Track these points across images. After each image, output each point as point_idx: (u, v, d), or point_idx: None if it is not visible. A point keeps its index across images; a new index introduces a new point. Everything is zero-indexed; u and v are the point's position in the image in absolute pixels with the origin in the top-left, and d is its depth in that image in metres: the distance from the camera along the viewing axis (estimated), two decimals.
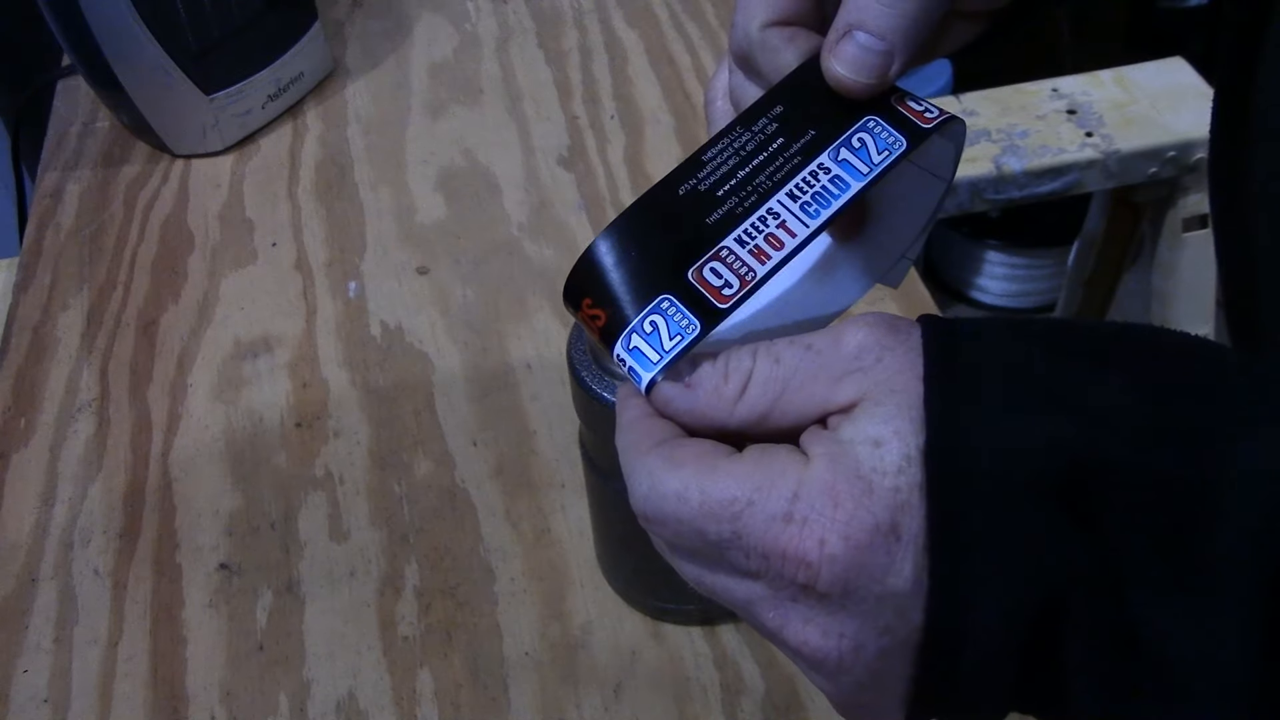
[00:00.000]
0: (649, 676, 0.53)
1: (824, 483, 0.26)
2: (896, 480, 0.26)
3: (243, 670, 0.55)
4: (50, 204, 0.82)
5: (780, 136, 0.33)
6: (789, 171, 0.33)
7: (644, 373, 0.31)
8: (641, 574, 0.54)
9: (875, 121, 0.33)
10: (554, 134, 0.84)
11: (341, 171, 0.83)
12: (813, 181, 0.32)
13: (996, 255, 1.80)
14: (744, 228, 0.32)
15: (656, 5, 0.96)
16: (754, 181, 0.33)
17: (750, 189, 0.33)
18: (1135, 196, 0.97)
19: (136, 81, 0.80)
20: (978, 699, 0.27)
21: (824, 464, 0.27)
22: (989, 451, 0.25)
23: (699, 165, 0.33)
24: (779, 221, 0.32)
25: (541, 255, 0.75)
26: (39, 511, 0.63)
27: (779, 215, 0.32)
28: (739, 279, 0.31)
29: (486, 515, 0.60)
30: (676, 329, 0.31)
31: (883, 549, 0.26)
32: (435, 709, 0.53)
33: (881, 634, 0.27)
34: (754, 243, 0.32)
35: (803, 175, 0.32)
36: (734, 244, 0.32)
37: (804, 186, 0.32)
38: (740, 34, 0.35)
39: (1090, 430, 0.25)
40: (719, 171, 0.33)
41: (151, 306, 0.74)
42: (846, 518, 0.26)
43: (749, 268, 0.31)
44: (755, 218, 0.32)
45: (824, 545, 0.26)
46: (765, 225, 0.32)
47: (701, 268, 0.31)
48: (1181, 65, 0.97)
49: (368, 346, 0.70)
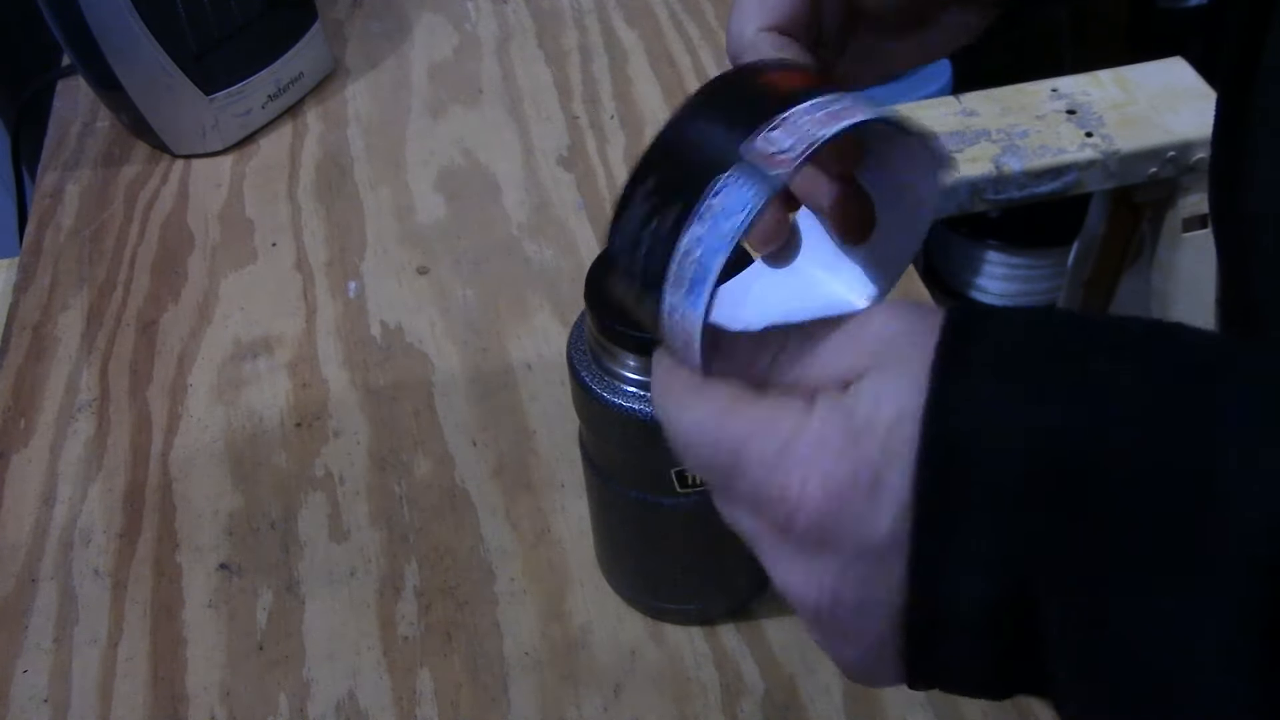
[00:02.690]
0: (649, 676, 0.53)
1: (815, 430, 0.27)
2: (887, 435, 0.26)
3: (243, 670, 0.55)
4: (50, 204, 0.82)
5: (655, 215, 0.31)
6: (663, 257, 0.30)
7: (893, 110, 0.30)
8: (641, 574, 0.54)
9: (731, 178, 0.30)
10: (554, 134, 0.84)
11: (341, 171, 0.83)
12: (712, 205, 0.30)
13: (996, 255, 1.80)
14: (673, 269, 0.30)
15: (656, 5, 0.96)
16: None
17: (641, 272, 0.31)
18: (1135, 196, 0.97)
19: (136, 81, 0.80)
20: (965, 674, 0.27)
21: (822, 413, 0.27)
22: (989, 424, 0.25)
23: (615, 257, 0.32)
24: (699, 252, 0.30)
25: (541, 255, 0.75)
26: (39, 511, 0.63)
27: (693, 250, 0.30)
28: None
29: (486, 515, 0.60)
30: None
31: (862, 499, 0.26)
32: (435, 709, 0.53)
33: (859, 585, 0.27)
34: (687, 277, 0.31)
35: (676, 259, 0.30)
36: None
37: (704, 214, 0.30)
38: (734, 37, 0.35)
39: (1095, 420, 0.25)
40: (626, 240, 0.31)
41: (151, 306, 0.74)
42: (829, 465, 0.26)
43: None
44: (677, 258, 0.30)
45: (805, 483, 0.27)
46: (692, 255, 0.30)
47: None
48: (1181, 65, 0.97)
49: (368, 346, 0.70)
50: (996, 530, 0.25)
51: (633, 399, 0.44)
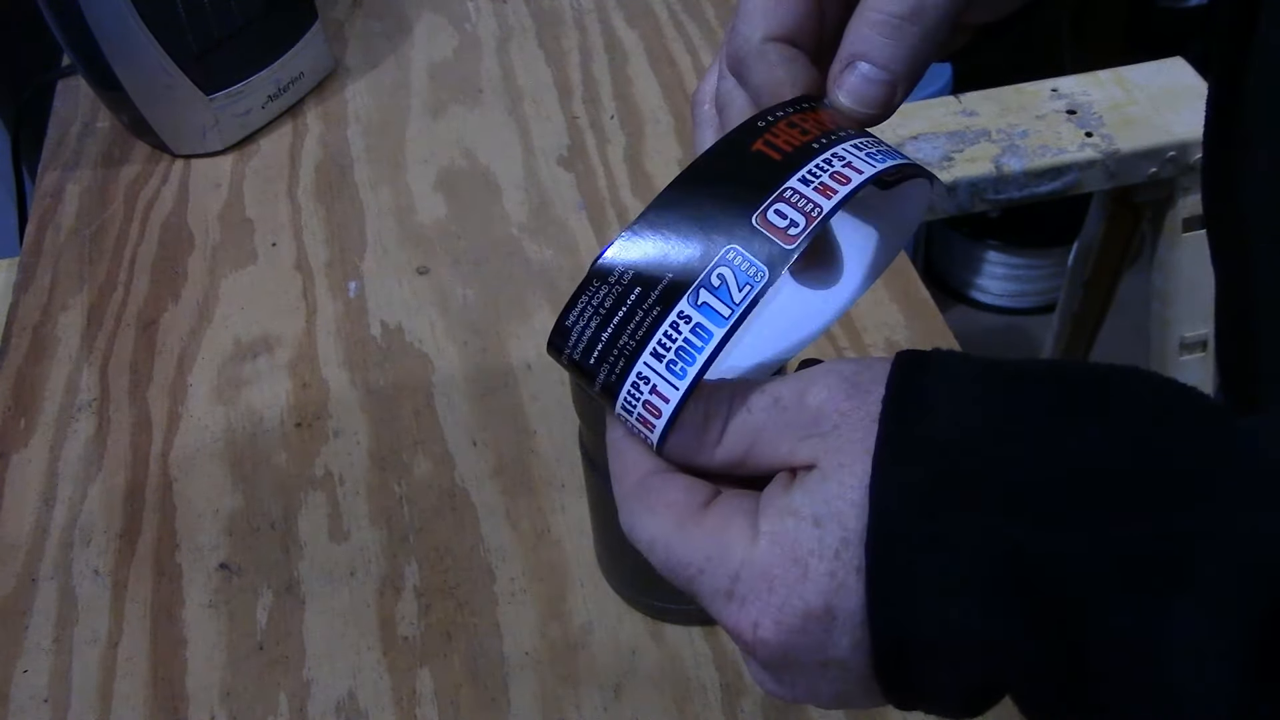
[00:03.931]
0: (649, 676, 0.53)
1: (762, 566, 0.27)
2: (833, 564, 0.27)
3: (243, 670, 0.55)
4: (50, 204, 0.82)
5: (637, 285, 0.30)
6: (649, 327, 0.30)
7: (900, 158, 0.31)
8: (641, 574, 0.54)
9: (735, 251, 0.30)
10: (554, 134, 0.84)
11: (341, 171, 0.83)
12: (674, 336, 0.29)
13: (996, 255, 1.80)
14: (621, 399, 0.30)
15: (656, 5, 0.96)
16: (617, 345, 0.30)
17: (616, 353, 0.30)
18: (1135, 196, 0.97)
19: (136, 81, 0.80)
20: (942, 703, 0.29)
21: (766, 544, 0.28)
22: (930, 543, 0.26)
23: (565, 333, 0.31)
24: (650, 387, 0.30)
25: (541, 255, 0.75)
26: (39, 511, 0.63)
27: (649, 380, 0.30)
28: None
29: (486, 515, 0.60)
30: (897, 158, 0.31)
31: (816, 630, 0.27)
32: (435, 709, 0.53)
33: (833, 682, 0.28)
34: (633, 416, 0.30)
35: (663, 330, 0.30)
36: (620, 412, 0.31)
37: (666, 343, 0.29)
38: (740, 40, 0.35)
39: (1037, 531, 0.25)
40: (584, 339, 0.31)
41: (151, 306, 0.74)
42: (779, 603, 0.27)
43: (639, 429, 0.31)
44: (627, 387, 0.30)
45: (756, 628, 0.27)
46: (639, 392, 0.30)
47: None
48: (1181, 65, 0.97)
49: (368, 346, 0.70)
50: (952, 649, 0.26)
51: None
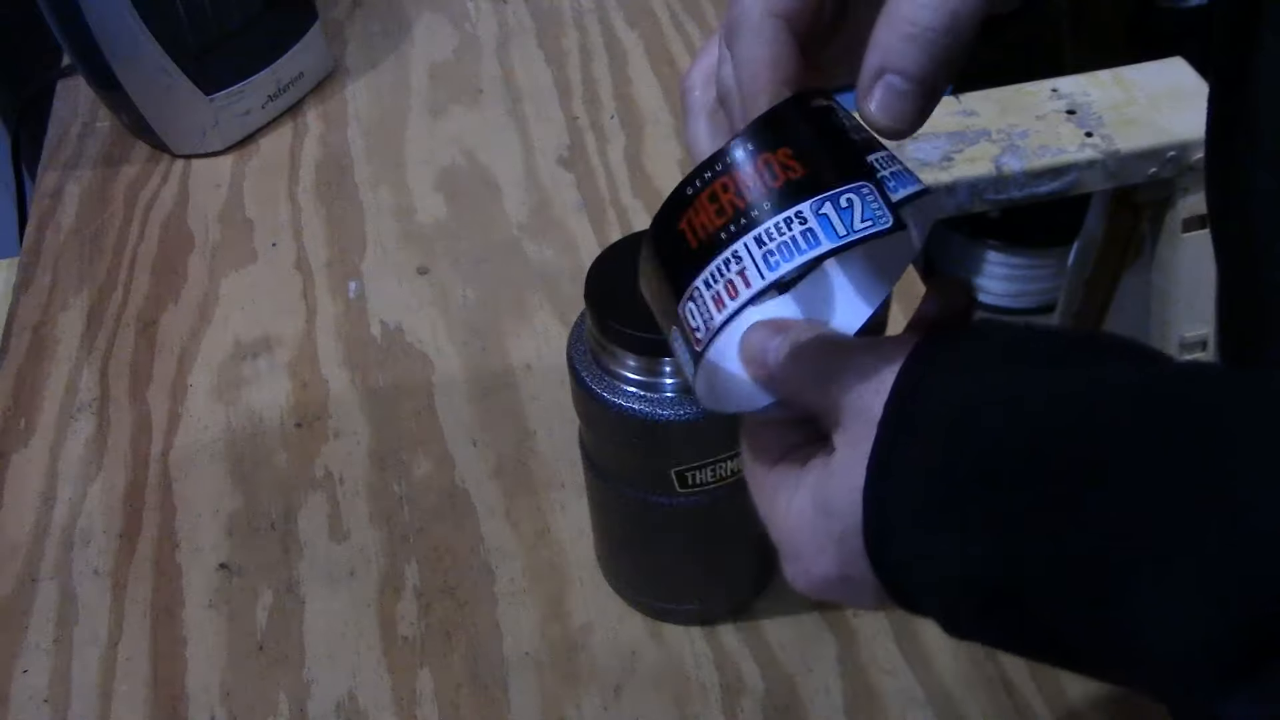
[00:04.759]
0: (649, 676, 0.53)
1: (791, 541, 0.35)
2: (840, 547, 0.33)
3: (243, 670, 0.55)
4: (50, 204, 0.82)
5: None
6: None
7: (826, 241, 0.31)
8: (641, 574, 0.54)
9: (674, 333, 0.34)
10: (554, 134, 0.84)
11: (341, 171, 0.83)
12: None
13: (996, 255, 1.80)
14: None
15: (656, 5, 0.96)
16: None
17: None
18: (1135, 196, 0.97)
19: (136, 81, 0.80)
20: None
21: (794, 522, 0.35)
22: (919, 544, 0.31)
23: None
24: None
25: (541, 255, 0.75)
26: (39, 511, 0.63)
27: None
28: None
29: (486, 515, 0.60)
30: (870, 215, 0.31)
31: (839, 585, 0.34)
32: (435, 709, 0.53)
33: (857, 601, 0.35)
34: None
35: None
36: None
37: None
38: (741, 10, 0.34)
39: (1012, 547, 0.29)
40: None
41: (151, 306, 0.74)
42: (806, 568, 0.35)
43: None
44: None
45: (794, 580, 0.35)
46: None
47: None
48: (1181, 65, 0.97)
49: (368, 346, 0.70)
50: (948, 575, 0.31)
51: (633, 399, 0.44)
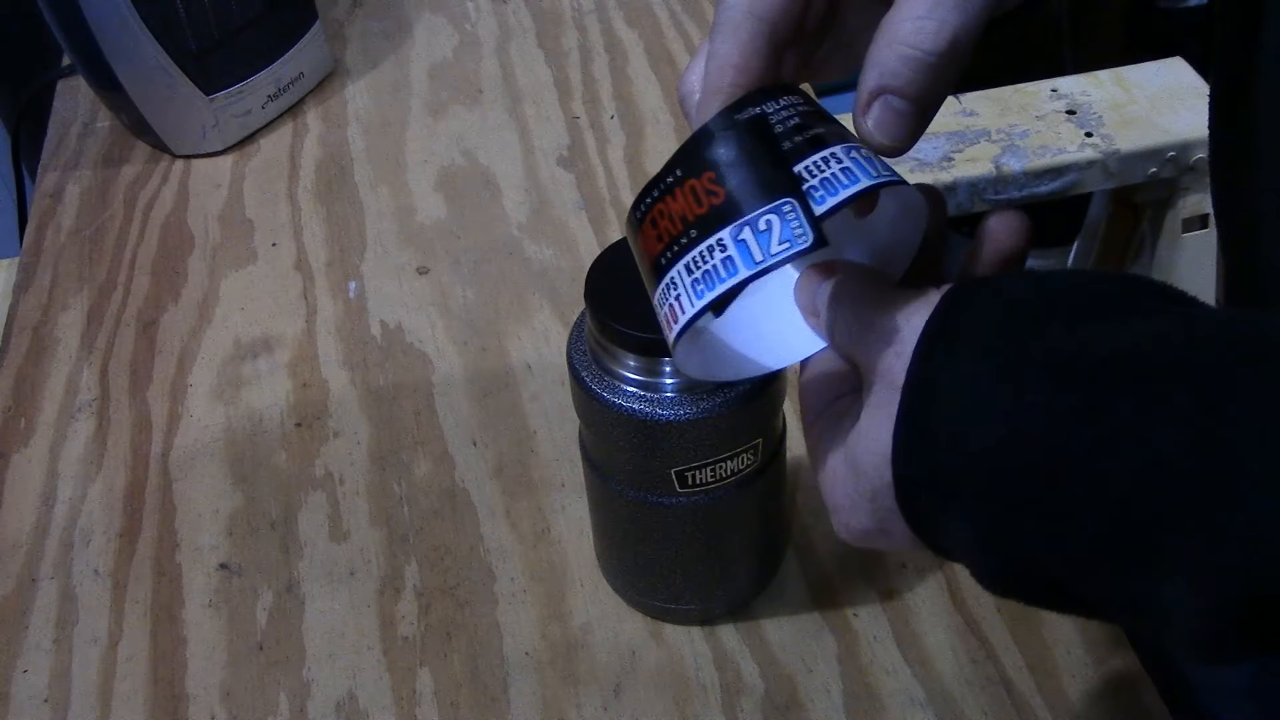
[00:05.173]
0: (649, 676, 0.53)
1: (831, 496, 0.37)
2: (873, 504, 0.35)
3: (243, 670, 0.55)
4: (50, 204, 0.82)
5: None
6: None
7: (743, 269, 0.31)
8: (641, 574, 0.54)
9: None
10: (554, 134, 0.84)
11: (341, 171, 0.83)
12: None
13: None
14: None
15: (656, 5, 0.96)
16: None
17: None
18: (1135, 196, 0.97)
19: (136, 81, 0.80)
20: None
21: (830, 481, 0.37)
22: (938, 504, 0.33)
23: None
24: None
25: (541, 255, 0.75)
26: (39, 511, 0.63)
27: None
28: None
29: (486, 515, 0.60)
30: (788, 235, 0.31)
31: (877, 536, 0.36)
32: (435, 709, 0.53)
33: (893, 545, 0.37)
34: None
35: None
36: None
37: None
38: (727, 8, 0.35)
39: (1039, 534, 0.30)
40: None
41: (151, 306, 0.74)
42: (845, 521, 0.37)
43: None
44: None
45: (838, 532, 0.37)
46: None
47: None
48: (1181, 65, 0.97)
49: (368, 346, 0.70)
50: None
51: (633, 399, 0.44)
